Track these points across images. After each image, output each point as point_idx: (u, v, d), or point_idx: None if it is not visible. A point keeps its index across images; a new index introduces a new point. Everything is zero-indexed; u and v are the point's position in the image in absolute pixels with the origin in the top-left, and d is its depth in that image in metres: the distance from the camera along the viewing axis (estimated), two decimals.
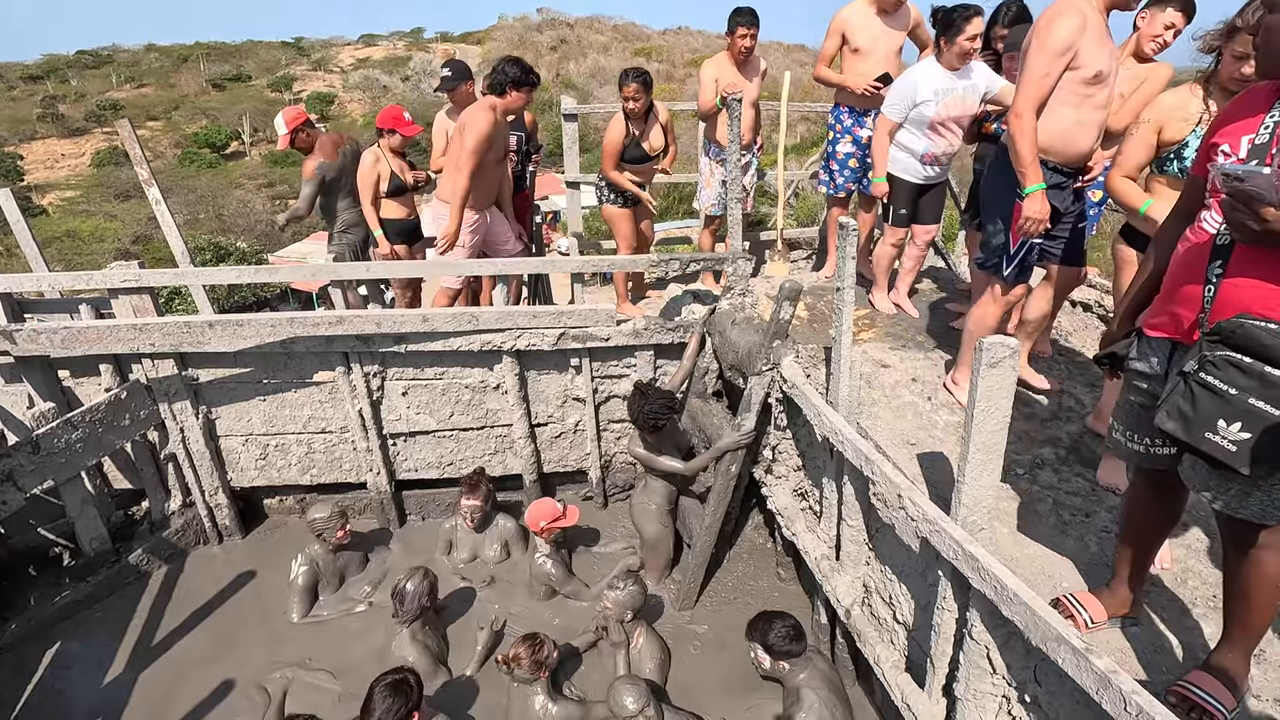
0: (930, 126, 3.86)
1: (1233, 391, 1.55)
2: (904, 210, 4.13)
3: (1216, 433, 1.57)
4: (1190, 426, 1.62)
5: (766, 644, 3.09)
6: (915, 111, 3.83)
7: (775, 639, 3.06)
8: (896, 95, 3.87)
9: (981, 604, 2.14)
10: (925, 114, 3.82)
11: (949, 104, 3.79)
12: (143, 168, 4.94)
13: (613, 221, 4.77)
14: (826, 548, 3.31)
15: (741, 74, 4.57)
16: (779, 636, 3.06)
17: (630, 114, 4.41)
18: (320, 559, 3.97)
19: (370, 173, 4.60)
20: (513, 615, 3.77)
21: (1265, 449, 1.53)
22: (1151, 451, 1.90)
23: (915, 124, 3.89)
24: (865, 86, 4.31)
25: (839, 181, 4.73)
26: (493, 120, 4.05)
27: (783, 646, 3.05)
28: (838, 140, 4.66)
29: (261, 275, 4.33)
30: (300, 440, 4.38)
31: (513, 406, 4.31)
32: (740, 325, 3.85)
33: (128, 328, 3.76)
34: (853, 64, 4.43)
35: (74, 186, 43.92)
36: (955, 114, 3.83)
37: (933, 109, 3.79)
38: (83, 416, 3.76)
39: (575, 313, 4.07)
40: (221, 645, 3.68)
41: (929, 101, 3.78)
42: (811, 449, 3.49)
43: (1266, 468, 1.56)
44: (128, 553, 4.09)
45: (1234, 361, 1.55)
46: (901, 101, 3.84)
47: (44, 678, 3.50)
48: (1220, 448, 1.57)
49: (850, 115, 4.59)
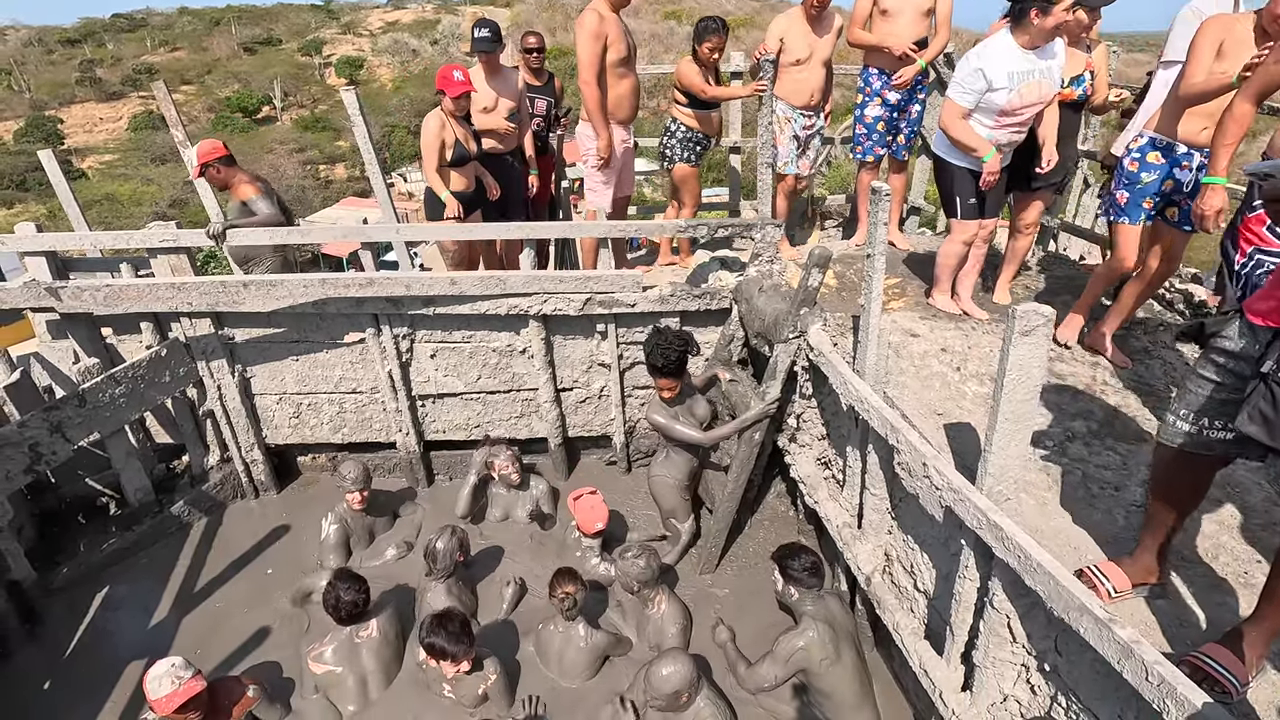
0: (1000, 115, 3.38)
1: None
2: (973, 200, 3.66)
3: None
4: (1273, 430, 1.61)
5: (784, 566, 3.25)
6: (984, 98, 3.35)
7: (793, 565, 3.21)
8: (965, 76, 3.34)
9: (1004, 574, 2.13)
10: (996, 102, 3.32)
11: (1025, 91, 3.28)
12: (178, 130, 5.02)
13: (684, 181, 4.67)
14: (848, 516, 3.32)
15: (814, 30, 4.39)
16: (798, 565, 3.20)
17: (705, 62, 4.36)
18: (349, 516, 4.08)
19: (434, 138, 4.23)
20: (536, 576, 3.85)
21: None
22: (1208, 435, 1.86)
23: (982, 111, 3.41)
24: (905, 48, 4.17)
25: (866, 145, 4.63)
26: (599, 19, 3.90)
27: (797, 574, 3.18)
28: (867, 103, 4.55)
29: (294, 237, 4.39)
30: (332, 400, 4.48)
31: (539, 370, 4.35)
32: (767, 292, 3.81)
33: (166, 286, 3.85)
34: (881, 25, 4.30)
35: (112, 150, 44.78)
36: (1030, 101, 3.33)
37: (1005, 97, 3.29)
38: (125, 372, 3.88)
39: (601, 278, 4.06)
40: (257, 594, 3.84)
41: (1003, 90, 3.28)
42: (836, 418, 3.47)
43: None
44: (170, 504, 4.26)
45: None
46: (971, 85, 3.34)
47: (94, 618, 3.70)
48: None
49: (880, 77, 4.46)
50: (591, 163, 4.41)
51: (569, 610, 3.21)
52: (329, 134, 45.67)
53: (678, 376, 3.63)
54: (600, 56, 3.99)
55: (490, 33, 4.50)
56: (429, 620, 3.04)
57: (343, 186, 39.14)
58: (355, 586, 3.20)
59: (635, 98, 4.46)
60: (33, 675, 3.38)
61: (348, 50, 59.45)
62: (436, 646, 2.95)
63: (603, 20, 3.98)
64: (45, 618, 3.65)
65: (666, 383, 3.64)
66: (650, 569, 3.33)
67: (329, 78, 56.19)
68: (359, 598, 3.20)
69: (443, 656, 2.96)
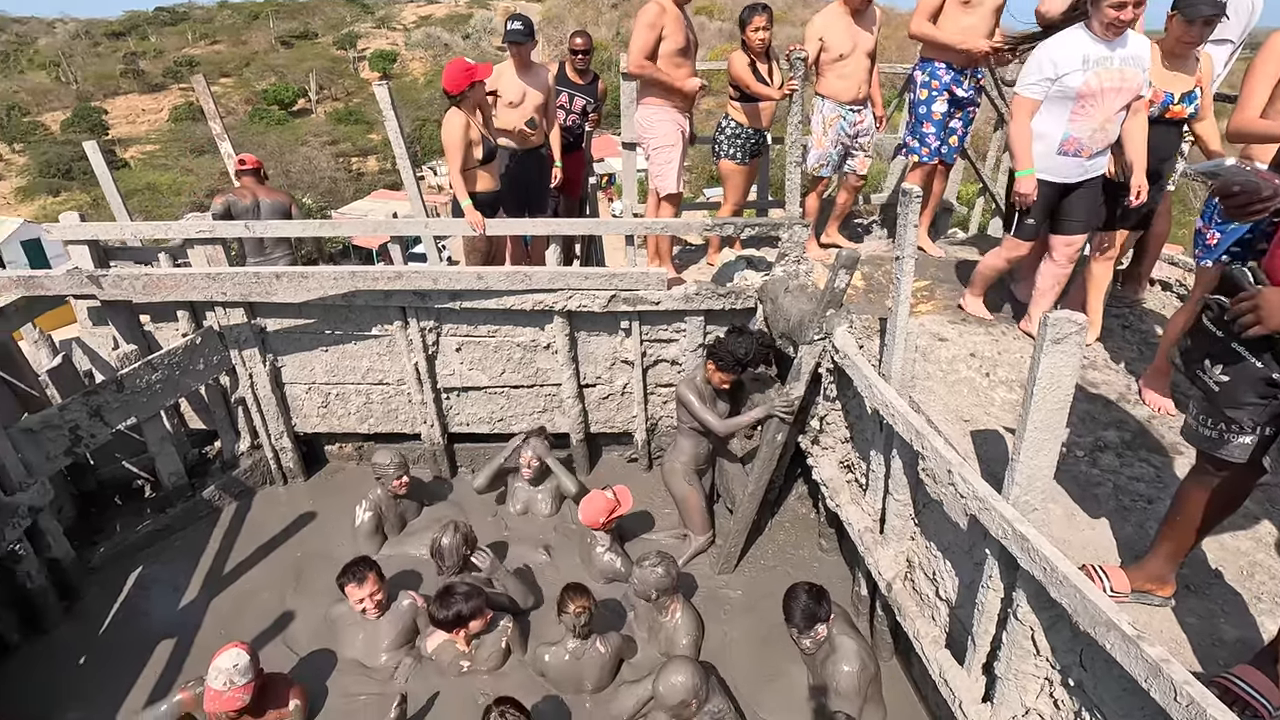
0: (1076, 102, 3.00)
1: None
2: (1032, 220, 3.27)
3: None
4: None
5: (798, 622, 3.10)
6: (1057, 86, 3.01)
7: (802, 614, 3.07)
8: (1033, 67, 3.07)
9: (1029, 585, 2.09)
10: (1070, 86, 2.97)
11: (1103, 75, 2.94)
12: (216, 122, 5.14)
13: (729, 177, 4.57)
14: (871, 521, 3.29)
15: (857, 24, 4.27)
16: (804, 610, 3.07)
17: (754, 49, 4.25)
18: (383, 503, 4.15)
19: (460, 138, 4.06)
20: (558, 569, 3.88)
21: None
22: (1227, 439, 1.81)
23: (1055, 102, 3.06)
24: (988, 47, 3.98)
25: (933, 145, 4.37)
26: (660, 10, 3.91)
27: (814, 612, 3.07)
28: (934, 99, 4.25)
29: (325, 230, 4.47)
30: (359, 390, 4.55)
31: (562, 366, 4.37)
32: (793, 293, 3.79)
33: (202, 276, 3.95)
34: (960, 18, 4.07)
35: (153, 141, 45.91)
36: (1111, 86, 2.96)
37: (1080, 79, 2.94)
38: (162, 359, 3.99)
39: (626, 275, 4.07)
40: (285, 578, 3.93)
41: (1075, 71, 2.95)
42: (861, 421, 3.44)
43: None
44: (202, 488, 4.37)
45: None
46: (1039, 74, 3.03)
47: (129, 596, 3.81)
48: None
49: (948, 71, 4.19)
50: (656, 142, 4.32)
51: (583, 627, 3.12)
52: (361, 127, 46.30)
53: (737, 374, 3.72)
54: (653, 46, 4.00)
55: (523, 25, 4.51)
56: (436, 601, 3.12)
57: (374, 179, 39.66)
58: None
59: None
60: (70, 649, 3.50)
61: (381, 44, 60.22)
62: (461, 614, 3.03)
63: (663, 12, 3.99)
64: (83, 594, 3.77)
65: (725, 376, 3.72)
66: (669, 577, 3.31)
67: (363, 71, 56.98)
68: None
69: (468, 620, 3.05)
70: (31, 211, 33.69)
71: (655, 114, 4.27)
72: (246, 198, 4.93)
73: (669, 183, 4.34)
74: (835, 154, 4.53)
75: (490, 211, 4.22)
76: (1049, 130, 3.12)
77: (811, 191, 4.70)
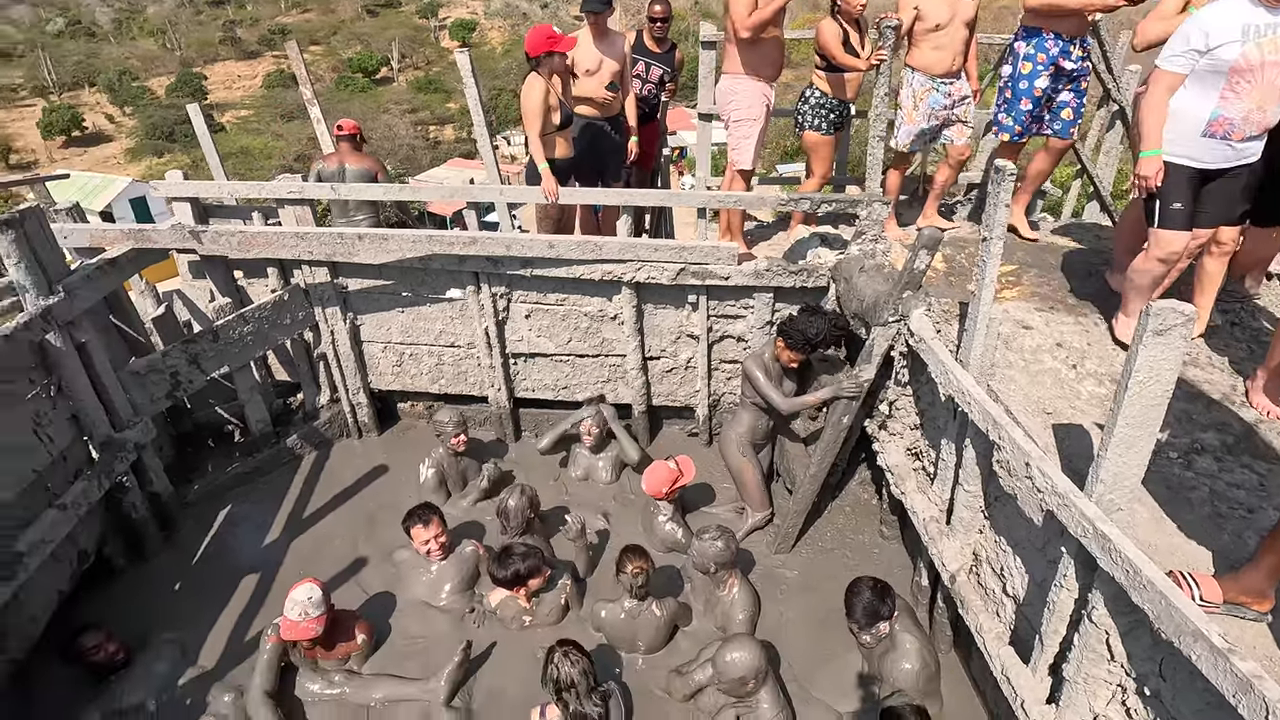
0: (1229, 78, 2.67)
1: None
2: (1178, 204, 2.86)
3: None
4: None
5: (859, 618, 3.02)
6: (1206, 59, 2.67)
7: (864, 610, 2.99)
8: (1179, 37, 2.73)
9: (1108, 587, 2.00)
10: (1223, 59, 2.63)
11: (1265, 45, 2.59)
12: (306, 88, 5.33)
13: (815, 149, 4.45)
14: (937, 510, 3.19)
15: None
16: (867, 607, 2.99)
17: (849, 13, 4.13)
18: (445, 461, 4.31)
19: (539, 103, 4.07)
20: (619, 535, 3.94)
21: None
22: None
23: (1203, 77, 2.71)
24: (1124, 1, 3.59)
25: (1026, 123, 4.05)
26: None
27: (877, 609, 2.99)
28: (1037, 73, 3.91)
29: (404, 194, 4.61)
30: (431, 351, 4.70)
31: (628, 337, 4.39)
32: (869, 272, 3.67)
33: (291, 235, 4.14)
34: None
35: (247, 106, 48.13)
36: (1275, 60, 2.61)
37: (1236, 51, 2.60)
38: (253, 313, 4.23)
39: (696, 249, 4.03)
40: (358, 525, 4.14)
41: (1231, 43, 2.61)
42: (932, 408, 3.32)
43: None
44: (285, 436, 4.64)
45: None
46: (1186, 46, 2.70)
47: (219, 531, 4.10)
48: None
49: (1057, 42, 3.84)
50: (738, 114, 4.22)
51: (639, 587, 3.17)
52: (440, 96, 47.23)
53: (806, 354, 3.66)
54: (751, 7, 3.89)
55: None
56: (495, 561, 3.24)
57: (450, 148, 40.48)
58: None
59: (780, 56, 4.30)
60: (168, 576, 3.81)
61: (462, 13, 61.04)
62: (519, 573, 3.16)
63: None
64: (179, 527, 4.08)
65: (794, 355, 3.66)
66: (727, 551, 3.30)
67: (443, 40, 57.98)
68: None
69: (526, 579, 3.17)
70: (139, 171, 36.05)
71: (740, 85, 4.17)
72: (333, 163, 5.12)
73: (746, 157, 4.25)
74: (927, 130, 4.30)
75: (564, 179, 4.25)
76: (1193, 109, 2.76)
77: (895, 168, 4.51)
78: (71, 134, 43.50)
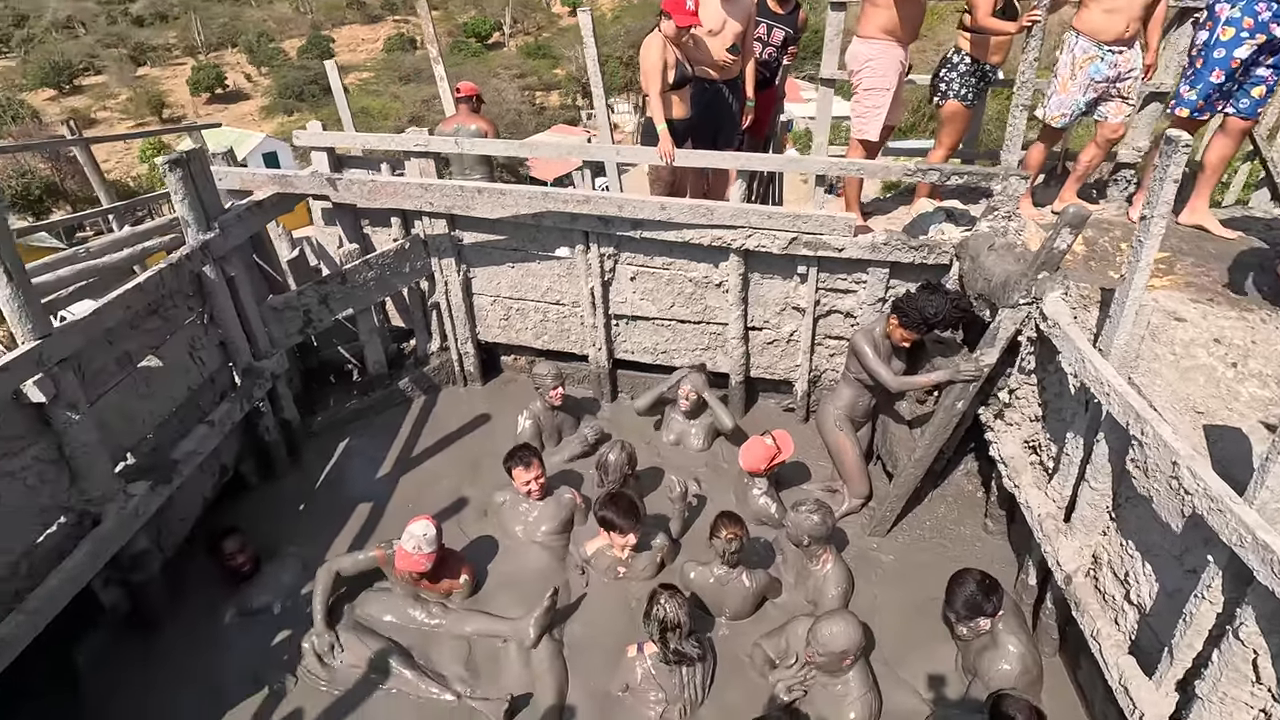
0: None
1: None
2: None
3: None
4: None
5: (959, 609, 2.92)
6: None
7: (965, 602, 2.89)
8: None
9: (1264, 603, 1.82)
10: None
11: None
12: (433, 47, 5.51)
13: (952, 119, 4.20)
14: (1054, 508, 3.01)
15: None
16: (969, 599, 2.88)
17: None
18: (541, 414, 4.45)
19: (657, 60, 4.04)
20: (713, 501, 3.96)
21: None
22: None
23: None
24: None
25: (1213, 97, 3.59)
26: None
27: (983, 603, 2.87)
28: (1239, 41, 3.47)
29: (523, 150, 4.72)
30: (537, 308, 4.83)
31: (731, 306, 4.34)
32: (999, 251, 3.44)
33: (417, 185, 4.33)
34: None
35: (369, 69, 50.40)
36: None
37: None
38: (377, 259, 4.47)
39: (811, 218, 3.91)
40: (462, 469, 4.35)
41: None
42: (1058, 399, 3.11)
43: None
44: (398, 379, 4.92)
45: None
46: None
47: (338, 461, 4.42)
48: None
49: (1269, 6, 3.35)
50: (870, 81, 4.02)
51: (733, 554, 3.16)
52: (548, 62, 47.75)
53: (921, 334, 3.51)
54: None
55: None
56: (602, 498, 3.34)
57: (554, 114, 40.97)
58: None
59: (921, 18, 4.07)
60: (293, 496, 4.16)
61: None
62: (607, 519, 3.24)
63: None
64: (304, 454, 4.43)
65: (908, 334, 3.51)
66: (824, 526, 3.25)
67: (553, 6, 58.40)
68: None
69: (611, 528, 3.25)
70: (271, 128, 38.62)
71: (874, 49, 3.94)
72: (450, 126, 5.30)
73: (874, 127, 4.04)
74: (1082, 102, 3.93)
75: (680, 141, 4.21)
76: None
77: (1040, 142, 4.17)
78: (215, 91, 47.06)
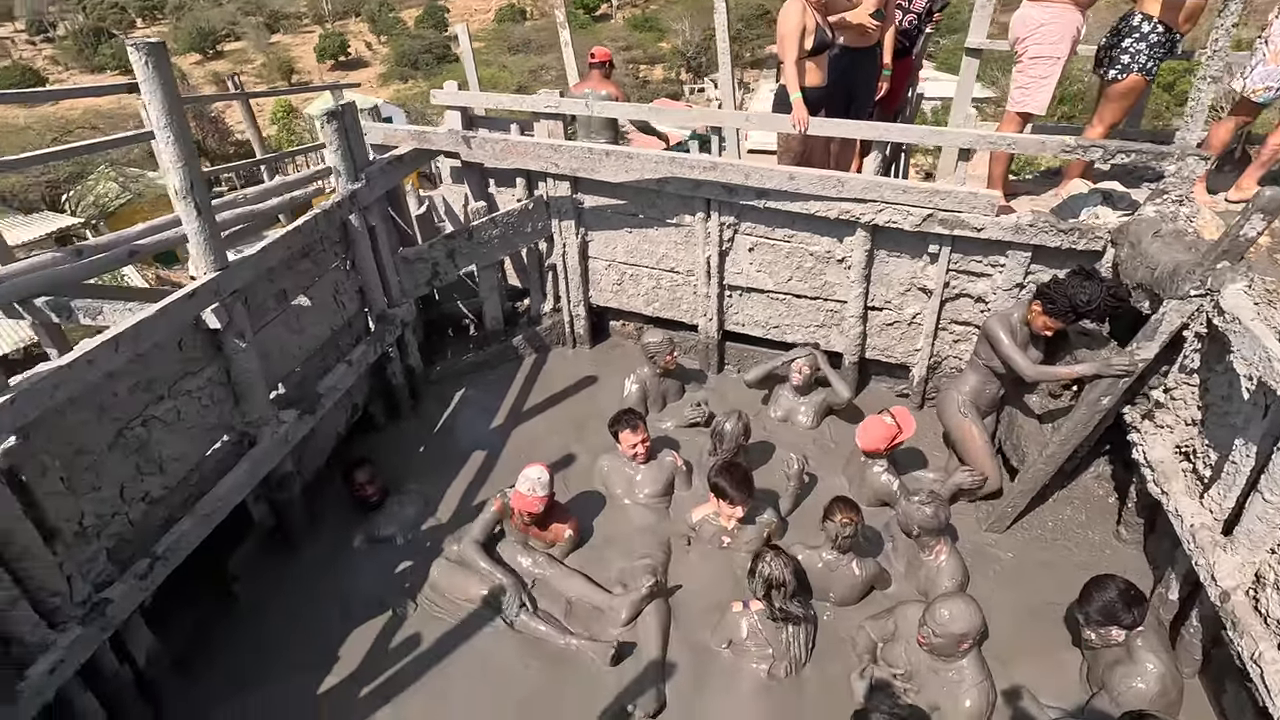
0: None
1: None
2: None
3: None
4: None
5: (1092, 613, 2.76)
6: None
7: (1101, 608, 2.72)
8: None
9: None
10: None
11: None
12: (560, 11, 5.57)
13: (1126, 95, 3.84)
14: (1210, 518, 2.77)
15: None
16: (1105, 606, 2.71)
17: None
18: (648, 380, 4.49)
19: (796, 25, 3.91)
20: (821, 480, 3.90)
21: None
22: None
23: None
24: None
25: None
26: None
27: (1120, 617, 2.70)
28: None
29: (641, 113, 4.72)
30: (651, 275, 4.85)
31: (853, 283, 4.21)
32: (1165, 238, 3.16)
33: (546, 146, 4.41)
34: None
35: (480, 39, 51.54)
36: None
37: None
38: (502, 218, 4.61)
39: (950, 194, 3.71)
40: (568, 428, 4.46)
41: None
42: (1225, 402, 2.84)
43: None
44: (512, 336, 5.08)
45: None
46: None
47: (455, 409, 4.64)
48: None
49: None
50: (1040, 50, 3.73)
51: (845, 539, 3.08)
52: (654, 35, 47.33)
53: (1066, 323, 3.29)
54: None
55: None
56: (717, 465, 3.35)
57: (657, 88, 40.68)
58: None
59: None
60: (414, 438, 4.40)
61: None
62: (720, 487, 3.24)
63: None
64: (424, 400, 4.67)
65: (1051, 323, 3.31)
66: (936, 520, 3.14)
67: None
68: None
69: (723, 496, 3.25)
70: (388, 94, 40.33)
71: (1049, 14, 3.63)
72: (580, 90, 5.36)
73: (1041, 99, 3.74)
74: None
75: (814, 110, 4.07)
76: None
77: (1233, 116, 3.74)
78: (338, 58, 49.61)
